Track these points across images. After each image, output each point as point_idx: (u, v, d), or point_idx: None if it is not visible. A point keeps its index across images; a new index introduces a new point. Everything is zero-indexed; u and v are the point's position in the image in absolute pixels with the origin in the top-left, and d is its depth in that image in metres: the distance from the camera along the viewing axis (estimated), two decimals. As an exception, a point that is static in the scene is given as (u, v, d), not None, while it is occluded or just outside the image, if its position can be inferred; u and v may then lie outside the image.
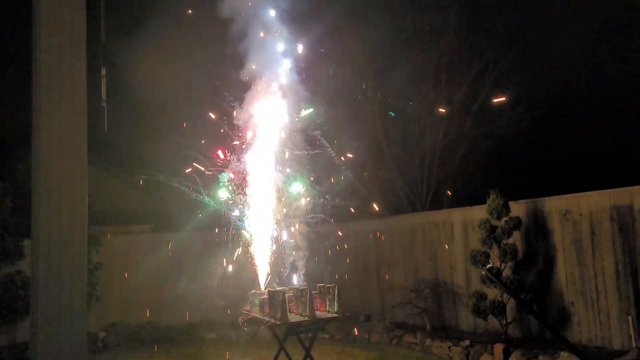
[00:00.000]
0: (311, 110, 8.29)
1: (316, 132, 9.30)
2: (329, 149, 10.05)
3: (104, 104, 13.96)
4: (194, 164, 9.51)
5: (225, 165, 8.16)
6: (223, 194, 8.08)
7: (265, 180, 7.84)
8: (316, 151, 9.26)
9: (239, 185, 8.20)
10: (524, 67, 12.25)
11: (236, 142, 8.03)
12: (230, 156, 8.24)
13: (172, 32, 11.64)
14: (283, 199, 8.13)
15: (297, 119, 7.94)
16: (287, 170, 8.06)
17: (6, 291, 8.13)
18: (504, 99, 11.54)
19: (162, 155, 11.55)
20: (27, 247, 7.76)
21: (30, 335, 4.32)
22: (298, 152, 8.06)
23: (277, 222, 8.00)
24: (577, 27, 11.98)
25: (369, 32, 11.26)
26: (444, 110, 12.17)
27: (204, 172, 9.15)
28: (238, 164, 8.04)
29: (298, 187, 8.16)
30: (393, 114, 12.50)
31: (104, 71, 14.17)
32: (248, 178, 8.05)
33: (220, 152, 8.18)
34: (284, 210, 8.13)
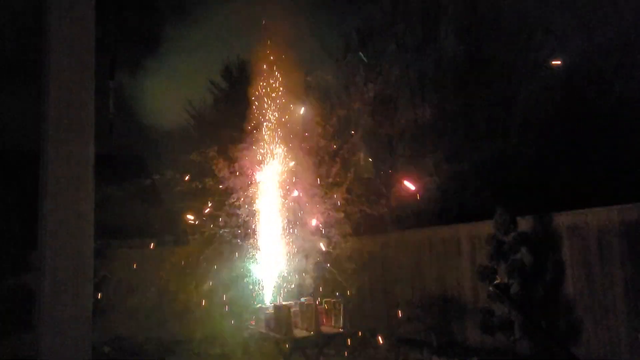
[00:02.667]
0: None
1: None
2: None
3: (111, 117, 14.04)
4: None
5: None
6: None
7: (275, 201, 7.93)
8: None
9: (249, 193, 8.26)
10: (531, 81, 12.27)
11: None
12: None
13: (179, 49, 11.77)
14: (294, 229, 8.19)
15: None
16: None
17: (11, 303, 8.14)
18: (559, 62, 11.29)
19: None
20: (33, 260, 7.78)
21: (34, 347, 4.30)
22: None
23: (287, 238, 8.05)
24: (584, 43, 12.01)
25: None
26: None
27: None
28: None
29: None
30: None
31: (111, 84, 14.27)
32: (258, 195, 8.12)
33: None
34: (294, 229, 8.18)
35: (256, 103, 8.88)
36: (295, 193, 8.78)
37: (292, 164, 8.63)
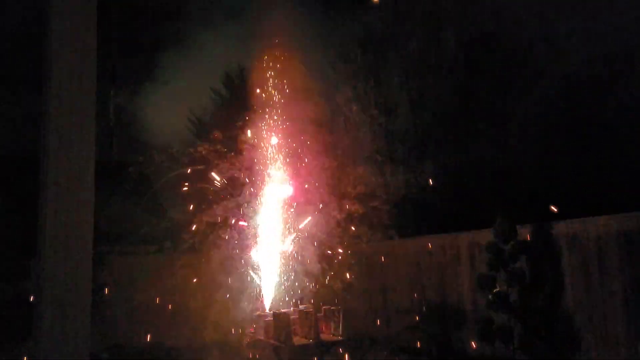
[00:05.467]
0: None
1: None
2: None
3: (112, 124, 14.07)
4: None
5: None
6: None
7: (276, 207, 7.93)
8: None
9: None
10: (531, 90, 12.30)
11: None
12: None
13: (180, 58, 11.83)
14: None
15: None
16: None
17: (10, 311, 8.12)
18: None
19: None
20: (32, 267, 7.77)
21: (33, 355, 4.29)
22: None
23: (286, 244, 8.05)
24: (583, 52, 12.04)
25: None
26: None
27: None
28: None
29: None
30: None
31: (112, 92, 14.31)
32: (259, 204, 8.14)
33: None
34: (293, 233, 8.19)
35: (256, 109, 8.92)
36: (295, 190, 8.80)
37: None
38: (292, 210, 8.97)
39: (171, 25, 13.18)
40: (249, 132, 8.90)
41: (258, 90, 8.81)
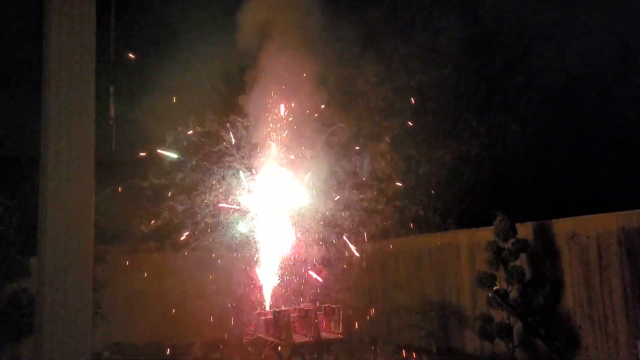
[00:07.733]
0: None
1: None
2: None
3: (112, 122, 14.04)
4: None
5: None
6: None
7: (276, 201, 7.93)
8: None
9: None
10: (531, 89, 12.30)
11: None
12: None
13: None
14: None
15: None
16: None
17: (11, 309, 8.13)
18: None
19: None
20: (33, 265, 7.78)
21: (34, 354, 4.31)
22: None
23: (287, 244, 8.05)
24: (585, 49, 12.04)
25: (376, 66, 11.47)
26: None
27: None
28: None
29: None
30: None
31: (112, 89, 14.27)
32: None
33: None
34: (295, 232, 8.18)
35: (257, 108, 8.91)
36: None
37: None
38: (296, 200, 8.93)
39: (171, 23, 13.17)
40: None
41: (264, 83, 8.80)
